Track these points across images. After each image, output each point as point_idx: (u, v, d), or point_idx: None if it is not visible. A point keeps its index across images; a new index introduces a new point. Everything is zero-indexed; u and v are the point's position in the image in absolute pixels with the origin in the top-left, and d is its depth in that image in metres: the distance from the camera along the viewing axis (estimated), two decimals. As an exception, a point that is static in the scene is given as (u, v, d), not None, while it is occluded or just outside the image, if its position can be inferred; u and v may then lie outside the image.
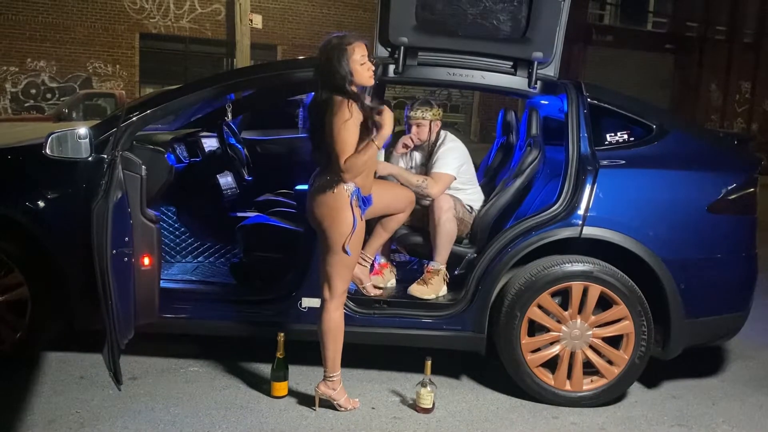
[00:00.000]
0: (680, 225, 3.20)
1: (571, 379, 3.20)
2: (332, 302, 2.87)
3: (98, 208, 2.53)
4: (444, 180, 3.51)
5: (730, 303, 3.34)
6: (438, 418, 3.02)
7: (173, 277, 3.81)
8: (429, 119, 3.65)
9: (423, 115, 3.65)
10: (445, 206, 3.41)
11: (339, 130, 2.67)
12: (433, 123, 3.68)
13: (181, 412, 2.94)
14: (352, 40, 2.78)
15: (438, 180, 3.50)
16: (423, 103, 3.70)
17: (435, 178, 3.51)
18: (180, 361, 3.47)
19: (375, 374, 3.43)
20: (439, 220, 3.38)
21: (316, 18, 16.98)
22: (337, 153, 2.68)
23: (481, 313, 3.23)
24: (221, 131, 4.39)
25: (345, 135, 2.67)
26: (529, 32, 3.34)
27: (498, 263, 3.20)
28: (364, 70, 2.77)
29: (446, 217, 3.39)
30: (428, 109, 3.66)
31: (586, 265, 3.14)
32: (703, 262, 3.22)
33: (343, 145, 2.67)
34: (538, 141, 3.52)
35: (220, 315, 3.31)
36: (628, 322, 3.15)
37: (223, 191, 4.26)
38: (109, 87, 15.34)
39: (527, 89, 3.44)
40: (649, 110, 3.51)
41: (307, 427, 2.87)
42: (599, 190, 3.16)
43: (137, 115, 3.14)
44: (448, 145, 3.64)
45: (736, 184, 3.26)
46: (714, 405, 3.33)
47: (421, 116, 3.65)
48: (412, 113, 3.67)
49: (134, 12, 15.71)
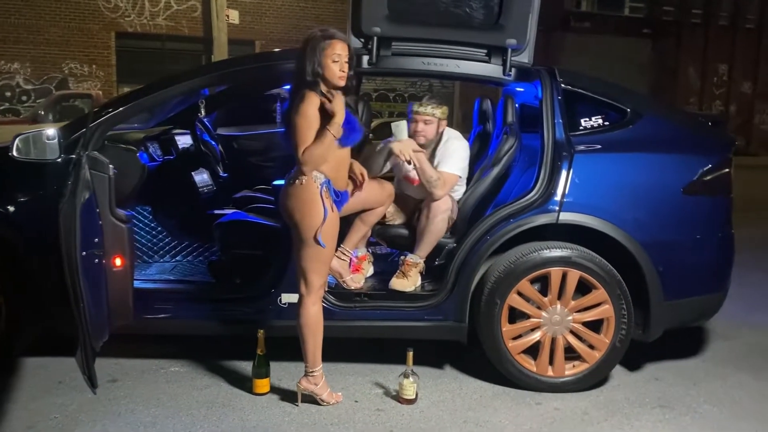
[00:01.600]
0: (656, 208, 3.21)
1: (553, 365, 3.21)
2: (309, 297, 2.85)
3: (65, 209, 2.48)
4: (451, 181, 3.41)
5: (708, 284, 3.37)
6: (421, 408, 3.02)
7: (151, 277, 3.77)
8: (438, 117, 3.50)
9: (433, 111, 3.48)
10: (443, 207, 3.36)
11: (296, 121, 2.67)
12: (441, 122, 3.53)
13: (161, 413, 2.91)
14: (334, 36, 2.75)
15: (446, 181, 3.38)
16: (432, 98, 3.53)
17: (443, 178, 3.37)
18: (161, 361, 3.43)
19: (358, 367, 3.42)
20: (434, 219, 3.34)
21: (294, 12, 16.86)
22: (295, 144, 2.68)
23: (462, 303, 3.23)
24: (194, 128, 4.33)
25: (301, 126, 2.66)
26: (502, 19, 3.32)
27: (477, 252, 3.20)
28: (336, 68, 2.73)
29: (441, 218, 3.36)
30: (438, 105, 3.50)
31: (564, 250, 3.14)
32: (680, 244, 3.24)
33: (299, 136, 2.66)
34: (514, 129, 3.51)
35: (200, 314, 3.28)
36: (608, 306, 3.16)
37: (199, 189, 4.21)
38: (86, 87, 15.15)
39: (502, 77, 3.43)
40: (623, 94, 3.51)
41: (290, 423, 2.86)
42: (575, 176, 3.16)
43: (107, 114, 3.09)
44: (455, 143, 3.51)
45: (711, 165, 3.27)
46: (695, 385, 3.36)
47: (431, 112, 3.47)
48: (422, 108, 3.48)
49: (109, 11, 15.51)
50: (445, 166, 3.43)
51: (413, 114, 3.52)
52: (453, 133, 3.59)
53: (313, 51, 2.72)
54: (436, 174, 3.37)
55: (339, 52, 2.74)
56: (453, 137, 3.55)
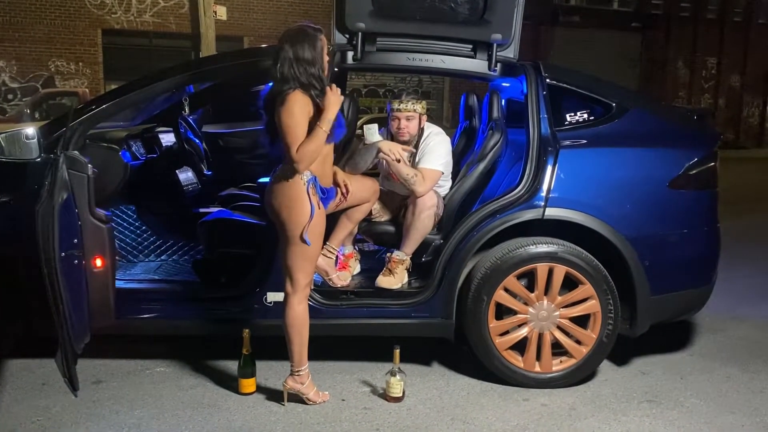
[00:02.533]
0: (642, 202, 3.20)
1: (540, 361, 3.20)
2: (295, 296, 2.82)
3: (43, 209, 2.44)
4: (433, 177, 3.37)
5: (694, 278, 3.37)
6: (408, 406, 3.01)
7: (136, 277, 3.73)
8: (420, 112, 3.46)
9: (414, 107, 3.44)
10: (428, 203, 3.33)
11: (286, 119, 2.63)
12: (423, 116, 3.49)
13: (146, 414, 2.88)
14: (321, 31, 2.74)
15: (427, 177, 3.34)
16: (411, 94, 3.50)
17: (424, 174, 3.34)
18: (146, 362, 3.40)
19: (345, 365, 3.40)
20: (420, 215, 3.32)
21: (282, 8, 16.75)
22: (288, 143, 2.63)
23: (449, 299, 3.21)
24: (177, 126, 4.29)
25: (292, 123, 2.62)
26: (487, 14, 3.31)
27: (463, 248, 3.18)
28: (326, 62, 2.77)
29: (427, 214, 3.34)
30: (417, 101, 3.47)
31: (550, 246, 3.13)
32: (666, 239, 3.24)
33: (290, 136, 2.62)
34: (499, 124, 3.49)
35: (186, 313, 3.25)
36: (595, 302, 3.15)
37: (183, 187, 4.17)
38: (73, 85, 14.99)
39: (487, 72, 3.41)
40: (609, 89, 3.51)
41: (276, 422, 2.83)
42: (560, 171, 3.15)
43: (88, 112, 3.05)
44: (435, 138, 3.48)
45: (696, 159, 3.27)
46: (682, 379, 3.36)
47: (412, 108, 3.43)
48: (402, 105, 3.43)
49: (95, 8, 15.35)
50: (427, 163, 3.40)
51: (394, 112, 3.47)
52: (433, 128, 3.56)
53: (312, 48, 2.67)
54: (412, 171, 3.34)
55: (324, 46, 2.74)
56: (433, 133, 3.52)
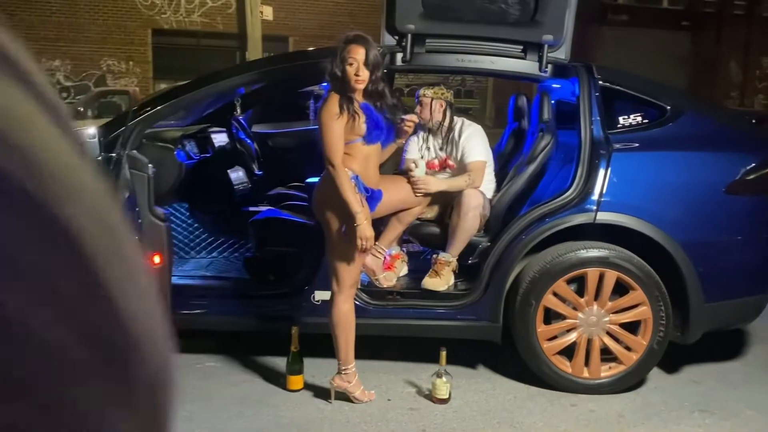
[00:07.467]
0: (697, 208, 3.14)
1: (588, 366, 3.16)
2: (341, 295, 2.86)
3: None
4: (480, 168, 3.45)
5: (750, 286, 3.28)
6: (454, 408, 3.01)
7: (188, 273, 3.82)
8: (430, 97, 3.55)
9: (424, 92, 3.58)
10: (474, 203, 3.34)
11: (323, 128, 2.74)
12: (436, 102, 3.54)
13: (197, 408, 2.95)
14: (352, 39, 2.78)
15: (475, 170, 3.42)
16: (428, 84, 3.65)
17: (471, 168, 3.42)
18: (196, 356, 3.48)
19: (390, 365, 3.42)
20: (466, 215, 3.33)
21: (328, 8, 16.88)
22: (324, 151, 2.75)
23: (496, 302, 3.20)
24: (230, 126, 4.38)
25: (328, 135, 2.72)
26: (539, 15, 3.28)
27: (512, 251, 3.16)
28: (351, 73, 2.76)
29: (473, 214, 3.34)
30: (429, 87, 3.59)
31: (601, 251, 3.09)
32: (721, 245, 3.16)
33: (328, 145, 2.73)
34: (550, 126, 3.46)
35: (235, 310, 3.32)
36: (646, 308, 3.10)
37: (235, 186, 4.26)
38: (124, 84, 15.41)
39: (538, 73, 3.39)
40: (663, 91, 3.44)
41: (323, 420, 2.87)
42: (613, 175, 3.11)
43: (145, 113, 3.14)
44: (468, 130, 3.54)
45: (755, 164, 3.18)
46: (736, 389, 3.28)
47: (422, 94, 3.58)
48: (420, 92, 3.62)
49: (146, 8, 15.74)
50: (470, 156, 3.44)
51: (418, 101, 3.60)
52: (466, 121, 3.61)
53: (337, 57, 2.78)
54: (463, 177, 3.40)
55: (354, 56, 2.76)
56: (466, 125, 3.57)
